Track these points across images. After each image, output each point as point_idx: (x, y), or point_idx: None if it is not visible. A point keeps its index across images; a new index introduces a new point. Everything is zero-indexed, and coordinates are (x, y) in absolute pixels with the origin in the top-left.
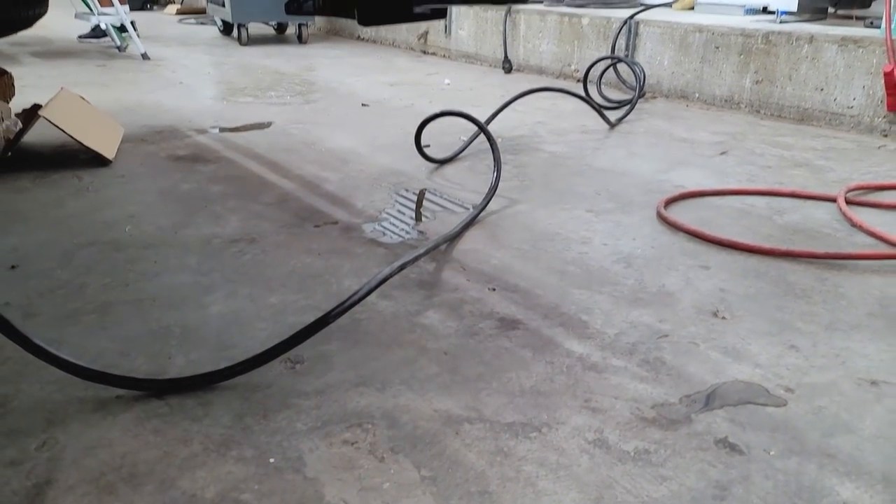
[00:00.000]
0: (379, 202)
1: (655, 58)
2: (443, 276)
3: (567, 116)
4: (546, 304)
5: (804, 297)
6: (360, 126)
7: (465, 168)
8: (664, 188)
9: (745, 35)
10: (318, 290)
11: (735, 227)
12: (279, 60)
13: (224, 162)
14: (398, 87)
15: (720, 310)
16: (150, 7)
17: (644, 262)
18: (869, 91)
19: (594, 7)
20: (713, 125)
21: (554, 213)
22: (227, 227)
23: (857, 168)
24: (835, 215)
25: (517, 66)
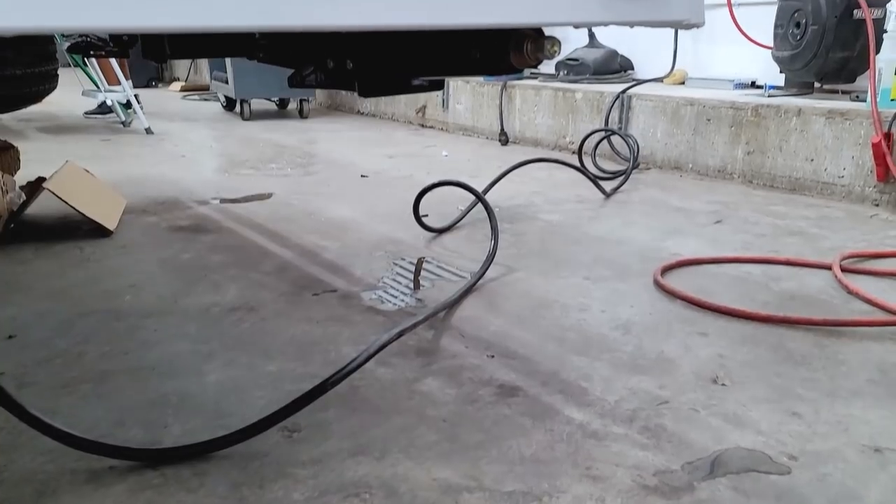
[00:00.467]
0: (378, 270)
1: (648, 130)
2: (441, 343)
3: (563, 186)
4: (545, 370)
5: (804, 363)
6: (360, 196)
7: (463, 237)
8: (660, 256)
9: (735, 108)
10: (316, 357)
11: (732, 294)
12: (281, 134)
13: (225, 232)
14: (397, 159)
15: (720, 376)
16: (155, 84)
17: (642, 329)
18: (858, 161)
19: (587, 82)
20: (707, 195)
21: (551, 280)
22: (227, 295)
23: (850, 236)
24: (831, 283)
25: (513, 138)
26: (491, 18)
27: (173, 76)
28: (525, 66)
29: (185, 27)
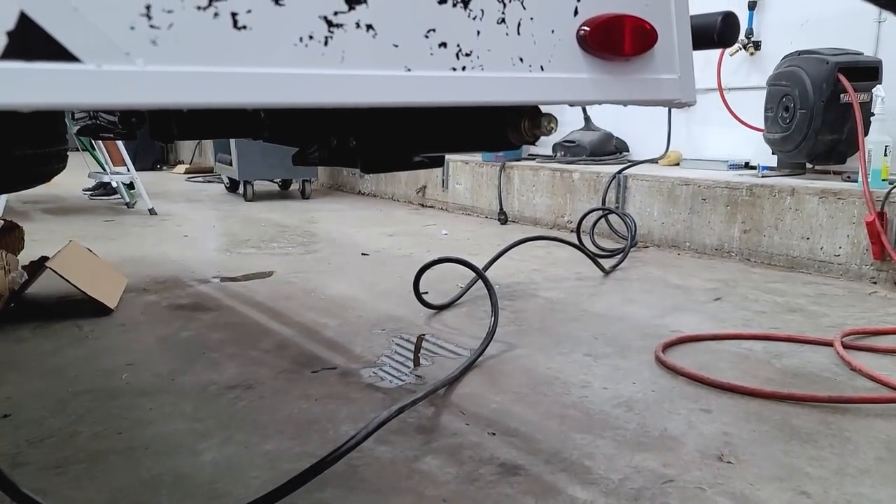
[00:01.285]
0: (377, 347)
1: (645, 209)
2: (441, 421)
3: (562, 264)
4: (547, 448)
5: (810, 441)
6: (360, 274)
7: (464, 314)
8: (661, 333)
9: (730, 187)
10: (314, 436)
11: (734, 370)
12: (282, 214)
13: (224, 310)
14: (397, 238)
15: (725, 454)
16: (160, 167)
17: (645, 406)
18: (854, 240)
19: (583, 163)
20: (705, 272)
21: (552, 357)
22: (225, 373)
23: (850, 313)
24: (833, 359)
25: (512, 217)
26: (488, 97)
27: (178, 159)
28: (523, 143)
29: (215, 103)
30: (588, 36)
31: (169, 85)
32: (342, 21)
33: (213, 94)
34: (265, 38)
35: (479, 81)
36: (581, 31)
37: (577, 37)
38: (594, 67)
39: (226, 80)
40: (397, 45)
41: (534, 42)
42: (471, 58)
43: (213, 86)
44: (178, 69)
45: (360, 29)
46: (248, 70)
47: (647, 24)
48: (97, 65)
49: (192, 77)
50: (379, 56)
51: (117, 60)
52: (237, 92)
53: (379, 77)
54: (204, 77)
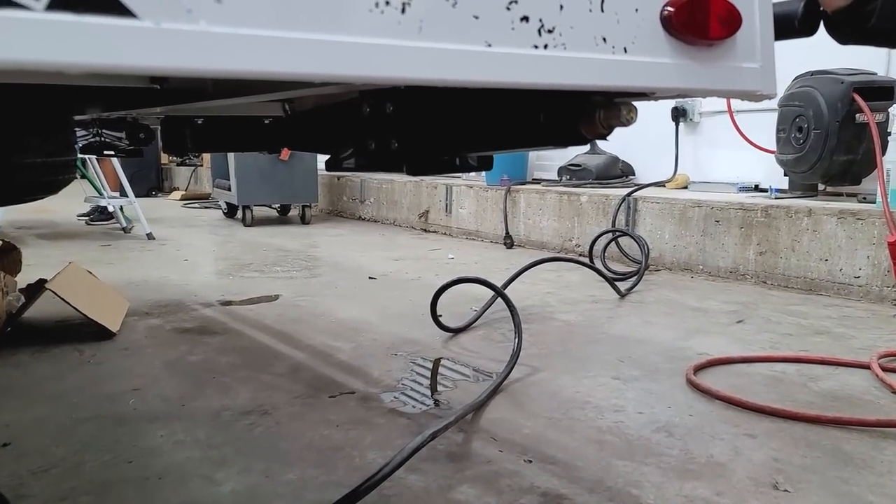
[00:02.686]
0: (396, 371)
1: (656, 232)
2: (473, 447)
3: (575, 287)
4: (589, 476)
5: (866, 467)
6: (369, 298)
7: (480, 337)
8: (687, 355)
9: (743, 209)
10: (339, 464)
11: (771, 394)
12: (283, 239)
13: (232, 334)
14: (403, 262)
15: (780, 482)
16: (155, 194)
17: (685, 431)
18: (874, 262)
19: (590, 186)
20: (722, 295)
21: (579, 380)
22: (238, 398)
23: (878, 335)
24: (871, 382)
25: (518, 241)
26: (570, 79)
27: (173, 185)
28: (596, 136)
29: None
30: (672, 16)
31: (234, 50)
32: None
33: (280, 62)
34: (334, 0)
35: (561, 62)
36: (665, 11)
37: (660, 17)
38: (677, 52)
39: (296, 47)
40: (478, 17)
41: (617, 21)
42: (553, 35)
43: (281, 53)
44: (245, 32)
45: None
46: (320, 37)
47: (731, 6)
48: (155, 22)
49: (258, 42)
50: (459, 28)
51: (178, 18)
52: (308, 62)
53: (458, 52)
54: (269, 42)
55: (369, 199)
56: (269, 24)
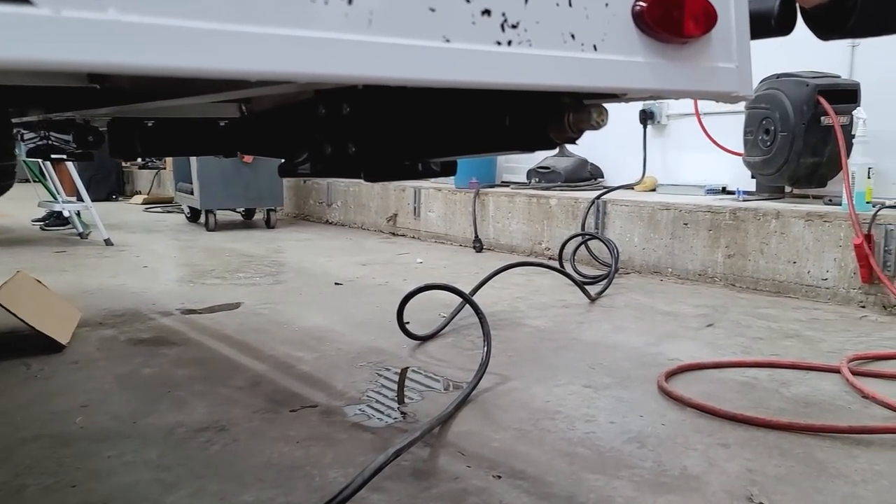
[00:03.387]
0: (361, 382)
1: (625, 234)
2: (440, 463)
3: (545, 292)
4: (561, 493)
5: (840, 476)
6: (335, 305)
7: (449, 344)
8: (659, 361)
9: (712, 211)
10: (298, 483)
11: (743, 400)
12: (247, 244)
13: (190, 344)
14: (370, 267)
15: (755, 493)
16: (115, 198)
17: (658, 442)
18: (841, 263)
19: (559, 189)
20: (692, 298)
21: (550, 389)
22: (194, 414)
23: (847, 338)
24: (842, 386)
25: (487, 245)
26: (536, 79)
27: (135, 189)
28: (565, 140)
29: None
30: (645, 12)
31: (150, 42)
32: None
33: (205, 58)
34: None
35: (526, 60)
36: (637, 6)
37: (632, 13)
38: (650, 50)
39: (224, 40)
40: (434, 10)
41: (586, 16)
42: (517, 30)
43: (206, 48)
44: (163, 22)
45: None
46: (254, 30)
47: (707, 2)
48: (54, 9)
49: (177, 34)
50: (413, 22)
51: (82, 5)
52: (238, 57)
53: (413, 48)
54: (191, 35)
55: (336, 203)
56: (192, 14)
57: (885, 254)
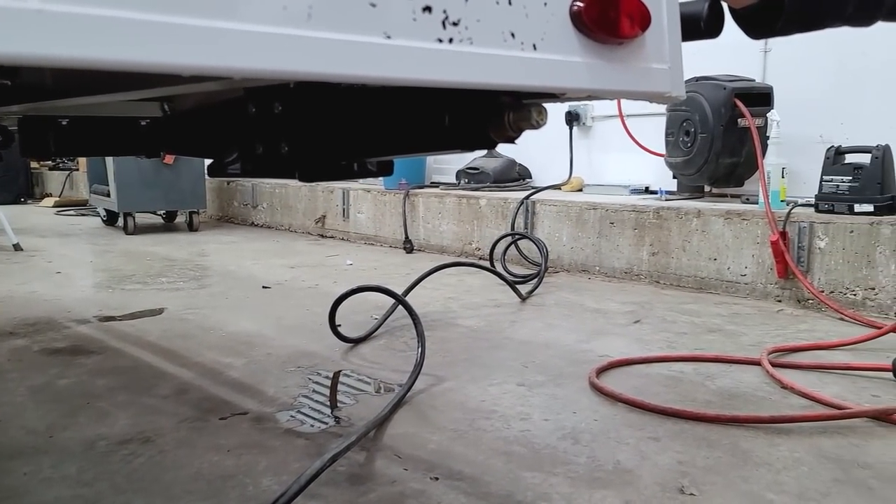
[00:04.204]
0: (292, 388)
1: (554, 234)
2: (376, 467)
3: (476, 291)
4: (498, 491)
5: (764, 465)
6: (263, 308)
7: (382, 346)
8: (589, 358)
9: (636, 211)
10: (231, 493)
11: (671, 394)
12: (169, 247)
13: (110, 353)
14: (299, 269)
15: (685, 485)
16: (24, 201)
17: (591, 437)
18: (758, 260)
19: (488, 190)
20: (619, 296)
21: (485, 388)
22: (116, 426)
23: (765, 331)
24: (763, 378)
25: (418, 245)
26: (478, 77)
27: (45, 191)
28: (505, 140)
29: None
30: (583, 12)
31: (76, 33)
32: None
33: (137, 50)
34: None
35: (467, 58)
36: (575, 6)
37: (570, 12)
38: (587, 50)
39: (158, 32)
40: (375, 5)
41: (526, 15)
42: (458, 28)
43: (140, 39)
44: (86, 11)
45: None
46: (185, 21)
47: (641, 3)
48: None
49: (100, 24)
50: (354, 16)
51: None
52: (170, 50)
53: (354, 43)
54: (121, 25)
55: (262, 205)
56: (122, 4)
57: (798, 250)
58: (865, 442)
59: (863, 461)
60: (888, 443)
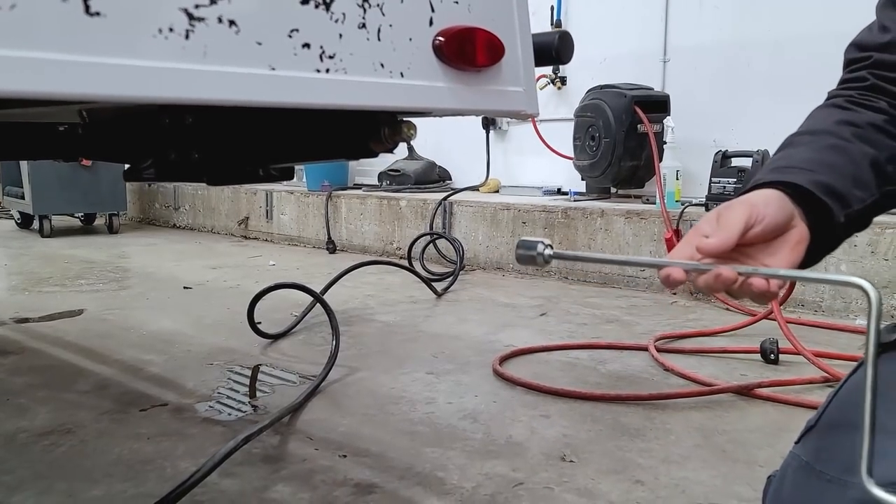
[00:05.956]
0: (211, 381)
1: (471, 233)
2: (289, 448)
3: (395, 289)
4: (400, 465)
5: (638, 435)
6: (184, 308)
7: (301, 341)
8: (496, 348)
9: (546, 211)
10: (150, 475)
11: (566, 378)
12: (88, 250)
13: (28, 353)
14: (221, 270)
15: (567, 454)
16: None
17: (489, 417)
18: (656, 256)
19: (409, 191)
20: (529, 291)
21: (396, 377)
22: (36, 419)
23: (658, 321)
24: (649, 362)
25: (341, 246)
26: (352, 100)
27: None
28: (383, 150)
29: None
30: (443, 45)
31: (8, 70)
32: (204, 15)
33: (62, 84)
34: (121, 27)
35: (342, 84)
36: (436, 40)
37: (433, 46)
38: (449, 77)
39: (76, 69)
40: (261, 43)
41: (393, 49)
42: (334, 60)
43: (62, 75)
44: (19, 54)
45: (223, 24)
46: (102, 60)
47: (495, 37)
48: None
49: (35, 64)
50: (242, 53)
51: None
52: (90, 83)
53: (243, 75)
54: (49, 65)
55: (184, 206)
56: (50, 46)
57: None
58: (727, 413)
59: (721, 429)
60: (745, 413)
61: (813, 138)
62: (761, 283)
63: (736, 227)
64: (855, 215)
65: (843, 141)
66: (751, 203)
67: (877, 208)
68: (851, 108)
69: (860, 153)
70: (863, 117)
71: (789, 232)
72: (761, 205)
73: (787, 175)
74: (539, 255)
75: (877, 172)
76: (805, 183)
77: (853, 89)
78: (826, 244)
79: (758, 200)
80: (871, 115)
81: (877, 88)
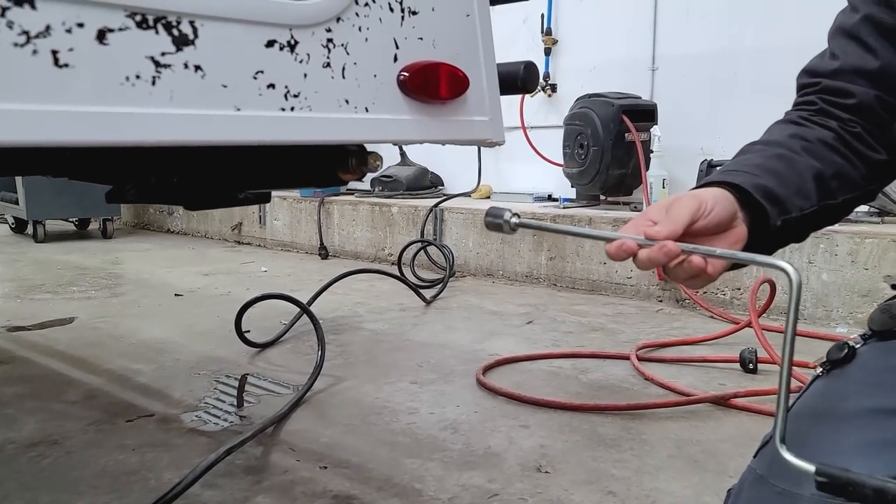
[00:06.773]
0: (199, 391)
1: (461, 240)
2: (271, 459)
3: (385, 296)
4: (379, 476)
5: (614, 446)
6: (175, 316)
7: (288, 350)
8: (481, 357)
9: (536, 218)
10: (134, 487)
11: (547, 387)
12: (82, 256)
13: (19, 362)
14: (213, 276)
15: (543, 465)
16: None
17: (469, 427)
18: None
19: (401, 197)
20: (518, 298)
21: (380, 387)
22: (24, 430)
23: (642, 329)
24: (630, 371)
25: (333, 252)
26: (317, 136)
27: None
28: (351, 179)
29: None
30: (407, 80)
31: None
32: (170, 62)
33: (35, 132)
34: (89, 77)
35: (307, 121)
36: (401, 76)
37: (397, 81)
38: (414, 110)
39: (48, 118)
40: (226, 86)
41: (358, 85)
42: (299, 99)
43: (35, 124)
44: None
45: (189, 69)
46: (71, 108)
47: (459, 71)
48: None
49: (8, 115)
50: (208, 96)
51: None
52: (61, 130)
53: (209, 116)
54: (23, 115)
55: (178, 211)
56: (22, 98)
57: None
58: (703, 423)
59: (696, 439)
60: (720, 423)
61: (764, 147)
62: (699, 261)
63: (683, 217)
64: (793, 222)
65: (791, 153)
66: (700, 198)
67: (815, 220)
68: (805, 125)
69: (806, 165)
70: (814, 133)
71: (730, 231)
72: (710, 200)
73: (731, 177)
74: (506, 222)
75: (819, 185)
76: (746, 184)
77: (805, 112)
78: (761, 247)
79: (707, 196)
80: (823, 133)
81: (825, 113)
